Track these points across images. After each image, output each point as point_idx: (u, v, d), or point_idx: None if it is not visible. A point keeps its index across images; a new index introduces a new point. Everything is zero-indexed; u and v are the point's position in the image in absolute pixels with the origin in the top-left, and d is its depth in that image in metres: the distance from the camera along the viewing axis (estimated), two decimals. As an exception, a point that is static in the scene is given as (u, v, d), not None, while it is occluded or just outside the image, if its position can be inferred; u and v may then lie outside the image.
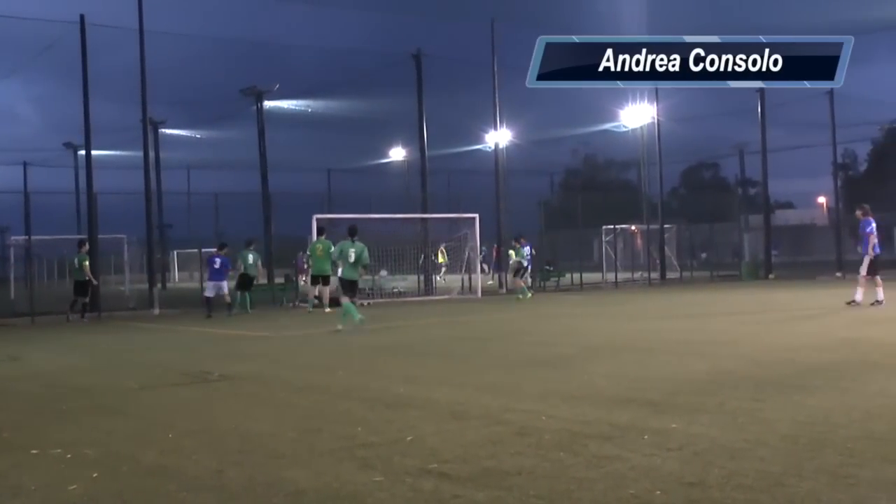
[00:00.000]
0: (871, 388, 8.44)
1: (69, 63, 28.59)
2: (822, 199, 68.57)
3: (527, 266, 27.90)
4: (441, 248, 35.01)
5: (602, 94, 41.99)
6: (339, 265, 17.63)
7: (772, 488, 5.10)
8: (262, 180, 33.38)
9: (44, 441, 7.20)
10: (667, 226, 41.44)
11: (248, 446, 6.74)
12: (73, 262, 24.17)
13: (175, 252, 53.70)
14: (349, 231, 17.71)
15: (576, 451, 6.18)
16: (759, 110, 40.09)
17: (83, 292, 23.34)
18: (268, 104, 36.84)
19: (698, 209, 50.46)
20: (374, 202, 32.66)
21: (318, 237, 23.07)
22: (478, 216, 30.89)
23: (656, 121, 40.71)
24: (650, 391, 8.57)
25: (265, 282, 30.65)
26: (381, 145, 56.87)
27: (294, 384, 10.25)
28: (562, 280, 34.39)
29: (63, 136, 52.15)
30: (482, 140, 44.66)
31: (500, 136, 35.71)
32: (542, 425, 7.12)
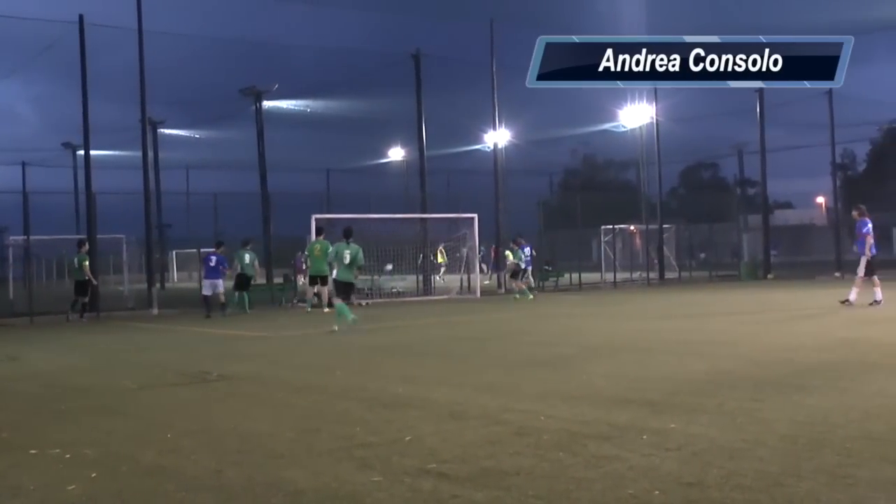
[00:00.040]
0: (869, 389, 8.45)
1: (68, 63, 28.57)
2: (821, 200, 68.71)
3: (525, 268, 27.85)
4: (440, 248, 35.01)
5: (601, 94, 42.00)
6: (334, 267, 17.64)
7: (770, 488, 5.10)
8: (261, 180, 33.38)
9: (43, 441, 7.20)
10: (666, 226, 41.44)
11: (246, 446, 6.74)
12: (73, 262, 24.22)
13: (174, 252, 53.69)
14: (344, 233, 17.73)
15: (574, 451, 6.19)
16: (758, 110, 40.10)
17: (83, 292, 23.37)
18: (267, 104, 36.84)
19: (697, 209, 50.49)
20: (374, 202, 32.67)
21: (317, 237, 23.07)
22: (476, 216, 30.90)
23: (655, 121, 40.70)
24: (649, 391, 8.57)
25: (264, 282, 30.65)
26: (380, 145, 56.89)
27: (293, 384, 10.25)
28: (561, 280, 34.40)
29: (62, 135, 52.20)
30: (481, 140, 44.67)
31: (499, 136, 35.73)
32: (541, 425, 7.12)
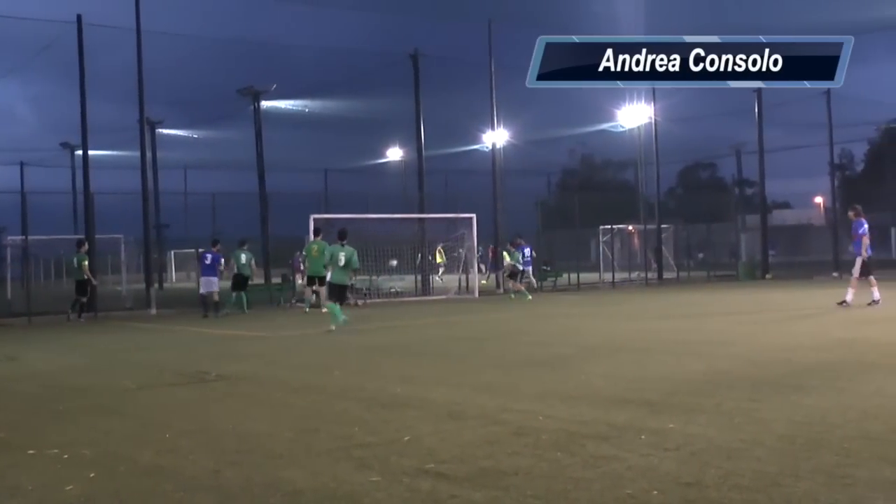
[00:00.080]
0: (867, 388, 8.45)
1: (66, 63, 28.54)
2: (819, 200, 68.68)
3: (522, 269, 27.86)
4: (439, 248, 35.02)
5: (599, 94, 41.99)
6: (328, 268, 17.58)
7: (768, 488, 5.11)
8: (260, 180, 33.36)
9: (41, 441, 7.20)
10: (664, 226, 41.45)
11: (245, 446, 6.74)
12: (73, 262, 24.24)
13: (172, 252, 53.67)
14: (339, 235, 17.71)
15: (573, 451, 6.19)
16: (757, 110, 40.08)
17: (83, 292, 23.38)
18: (265, 104, 36.80)
19: (695, 209, 50.50)
20: (372, 202, 32.65)
21: (315, 238, 23.06)
22: (475, 216, 30.90)
23: (653, 121, 40.71)
24: (647, 391, 8.57)
25: (262, 282, 30.64)
26: (379, 145, 56.86)
27: (291, 384, 10.24)
28: (559, 280, 34.41)
29: (60, 135, 52.12)
30: (479, 140, 44.61)
31: (497, 136, 35.73)
32: (540, 425, 7.13)
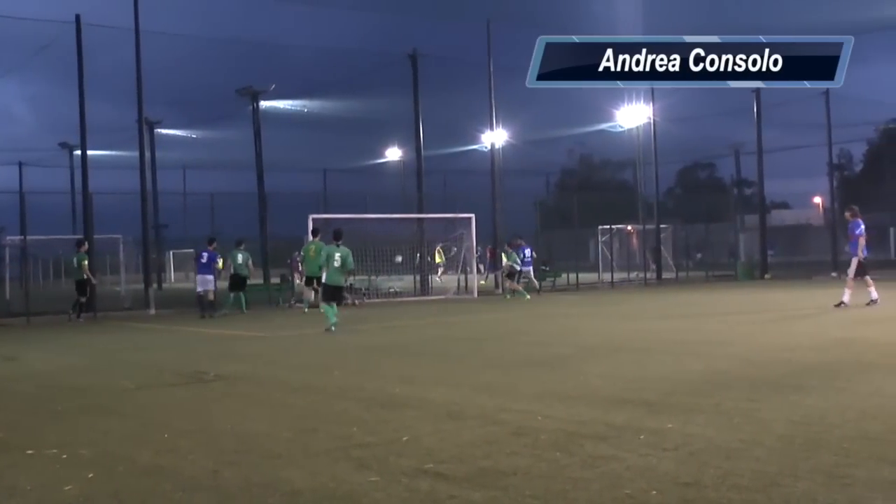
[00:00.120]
0: (866, 388, 8.46)
1: (65, 63, 28.54)
2: (818, 200, 68.70)
3: (519, 269, 27.90)
4: (438, 248, 35.02)
5: (598, 95, 41.98)
6: (323, 269, 17.50)
7: (767, 488, 5.11)
8: (258, 180, 33.31)
9: (39, 441, 7.20)
10: (663, 226, 41.46)
11: (244, 446, 6.73)
12: (73, 261, 24.29)
13: (171, 252, 53.59)
14: (334, 235, 17.68)
15: (572, 452, 6.19)
16: (755, 110, 40.09)
17: (83, 292, 23.39)
18: (264, 104, 36.72)
19: (694, 209, 50.44)
20: (371, 202, 32.64)
21: (313, 238, 23.05)
22: (474, 216, 30.89)
23: (652, 121, 40.73)
24: (646, 391, 8.58)
25: (261, 282, 30.63)
26: (378, 145, 56.85)
27: (290, 384, 10.24)
28: (558, 280, 34.41)
29: (59, 135, 52.10)
30: (478, 140, 44.58)
31: (496, 136, 35.73)
32: (538, 425, 7.13)
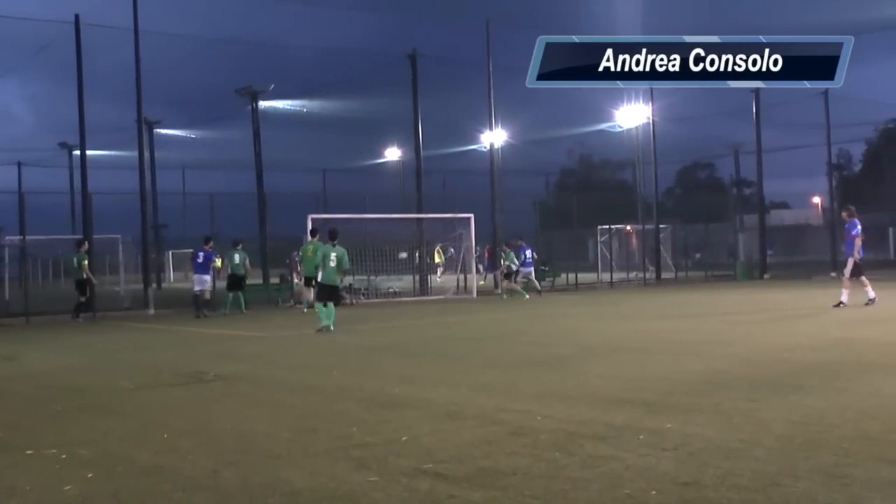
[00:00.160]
0: (865, 388, 8.46)
1: (64, 63, 28.57)
2: (817, 200, 68.70)
3: (516, 269, 27.97)
4: (438, 248, 35.02)
5: (597, 95, 41.99)
6: (319, 269, 17.44)
7: (767, 488, 5.11)
8: (258, 180, 33.30)
9: (39, 441, 7.20)
10: (662, 226, 41.46)
11: (243, 446, 6.73)
12: (73, 261, 24.33)
13: (170, 252, 53.55)
14: (329, 235, 17.65)
15: (571, 452, 6.19)
16: (754, 110, 40.10)
17: (82, 291, 23.39)
18: (263, 104, 36.71)
19: (693, 209, 50.47)
20: (370, 202, 32.62)
21: (312, 238, 23.05)
22: (473, 216, 30.89)
23: (651, 121, 40.73)
24: (645, 391, 8.58)
25: (260, 282, 30.62)
26: (377, 145, 56.85)
27: (289, 384, 10.24)
28: (557, 280, 34.41)
29: (58, 135, 52.13)
30: (478, 140, 44.59)
31: (495, 136, 35.74)
32: (538, 425, 7.12)
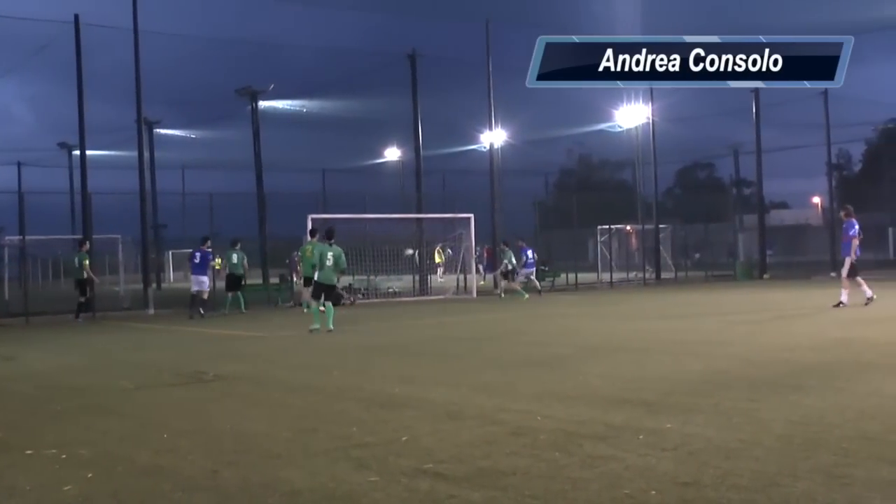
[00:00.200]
0: (865, 388, 8.46)
1: (64, 63, 28.58)
2: (817, 200, 68.69)
3: (511, 268, 28.02)
4: (438, 248, 35.04)
5: (597, 95, 42.02)
6: (315, 269, 17.41)
7: (767, 488, 5.11)
8: (257, 180, 33.33)
9: (38, 441, 7.19)
10: (662, 226, 41.46)
11: (243, 446, 6.73)
12: (74, 261, 24.40)
13: (170, 252, 53.56)
14: (326, 234, 17.64)
15: (571, 451, 6.19)
16: (754, 110, 40.10)
17: (82, 291, 23.40)
18: (263, 104, 36.74)
19: (693, 209, 50.46)
20: (370, 202, 32.63)
21: (311, 238, 23.05)
22: (473, 216, 30.90)
23: (651, 121, 40.73)
24: (645, 391, 8.58)
25: (260, 282, 30.62)
26: (377, 145, 56.88)
27: (289, 384, 10.24)
28: (557, 280, 34.42)
29: (57, 135, 52.16)
30: (477, 140, 44.63)
31: (494, 136, 35.76)
32: (538, 425, 7.12)
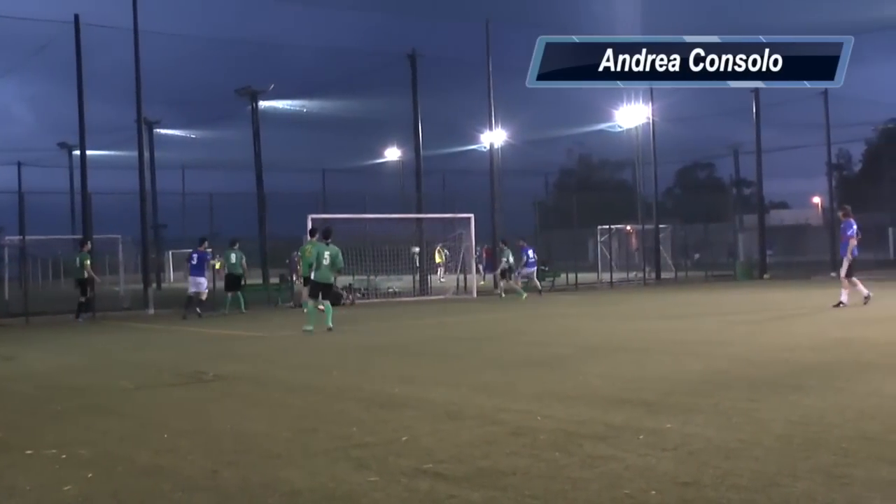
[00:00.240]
0: (865, 388, 8.46)
1: (64, 63, 28.59)
2: (817, 200, 68.70)
3: (508, 267, 28.08)
4: (438, 248, 35.05)
5: (597, 95, 42.04)
6: (312, 268, 17.38)
7: (766, 488, 5.11)
8: (257, 180, 33.34)
9: (38, 441, 7.19)
10: (662, 226, 41.46)
11: (243, 446, 6.73)
12: (75, 261, 24.44)
13: (170, 252, 53.56)
14: (323, 234, 17.62)
15: (571, 451, 6.19)
16: (754, 110, 40.10)
17: (83, 291, 23.41)
18: (263, 104, 36.73)
19: (693, 209, 50.48)
20: (370, 202, 32.64)
21: (311, 238, 23.03)
22: (473, 216, 30.90)
23: (651, 121, 40.73)
24: (645, 391, 8.58)
25: (260, 282, 30.62)
26: (377, 145, 56.90)
27: (289, 384, 10.24)
28: (557, 280, 34.42)
29: (57, 135, 52.19)
30: (477, 140, 44.64)
31: (494, 136, 35.77)
32: (537, 425, 7.12)
